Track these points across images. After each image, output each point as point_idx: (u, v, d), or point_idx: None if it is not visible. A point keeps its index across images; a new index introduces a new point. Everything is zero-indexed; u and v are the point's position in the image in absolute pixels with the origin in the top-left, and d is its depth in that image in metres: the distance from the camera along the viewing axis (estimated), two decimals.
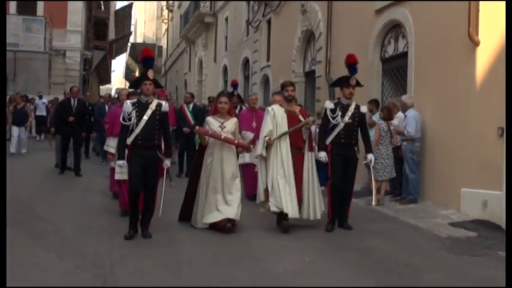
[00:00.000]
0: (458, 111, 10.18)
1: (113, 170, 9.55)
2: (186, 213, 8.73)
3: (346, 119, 8.61)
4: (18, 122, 18.45)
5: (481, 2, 9.66)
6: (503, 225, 8.69)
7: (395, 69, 13.10)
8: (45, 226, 8.48)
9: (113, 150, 9.44)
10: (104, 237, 7.85)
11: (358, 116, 8.75)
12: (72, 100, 14.52)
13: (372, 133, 10.75)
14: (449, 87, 10.42)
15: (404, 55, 12.29)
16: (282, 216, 8.41)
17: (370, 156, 8.87)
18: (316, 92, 17.16)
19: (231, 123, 8.57)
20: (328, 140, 8.69)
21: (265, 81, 22.92)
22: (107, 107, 17.01)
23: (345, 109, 8.68)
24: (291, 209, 8.31)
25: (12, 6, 34.07)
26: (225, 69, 30.46)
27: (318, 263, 6.82)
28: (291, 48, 19.38)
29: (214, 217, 8.27)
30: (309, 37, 18.41)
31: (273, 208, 8.38)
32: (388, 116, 11.31)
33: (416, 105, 11.10)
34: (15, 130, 18.32)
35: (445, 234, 8.46)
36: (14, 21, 32.91)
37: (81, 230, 8.27)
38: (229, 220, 8.21)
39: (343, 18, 15.41)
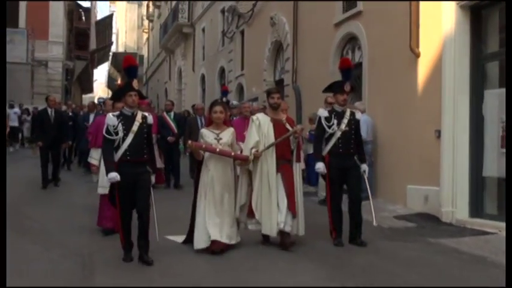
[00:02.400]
0: (403, 115, 11.28)
1: (102, 201, 8.72)
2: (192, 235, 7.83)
3: (343, 127, 8.10)
4: None
5: (421, 17, 10.76)
6: (441, 217, 9.84)
7: (353, 78, 14.17)
8: (32, 224, 9.48)
9: (96, 162, 9.16)
10: (85, 233, 8.82)
11: (354, 123, 8.24)
12: (49, 110, 14.02)
13: None
14: (395, 94, 11.52)
15: (360, 65, 13.39)
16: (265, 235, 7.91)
17: (364, 166, 8.31)
18: (285, 100, 18.20)
19: (228, 134, 7.84)
20: (325, 151, 8.19)
21: (240, 89, 23.98)
22: (91, 116, 16.41)
23: (340, 117, 8.17)
24: (271, 229, 7.70)
25: None
26: (203, 78, 31.50)
27: None
28: (262, 58, 20.47)
29: (204, 242, 7.49)
30: (278, 48, 19.53)
31: (252, 226, 7.94)
32: None
33: (369, 110, 12.21)
34: None
35: (387, 225, 9.50)
36: None
37: (64, 227, 9.25)
38: (218, 244, 7.43)
39: (307, 30, 16.55)
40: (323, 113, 8.29)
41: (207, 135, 7.79)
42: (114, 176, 6.84)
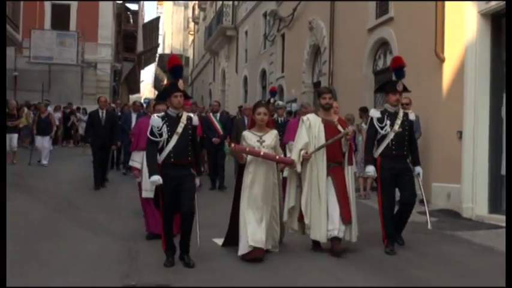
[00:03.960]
0: (428, 117, 11.90)
1: (145, 204, 8.73)
2: (232, 238, 7.69)
3: (396, 128, 7.80)
4: (42, 131, 18.05)
5: (446, 24, 11.41)
6: (462, 213, 10.47)
7: (385, 81, 14.82)
8: (83, 214, 10.45)
9: (138, 166, 8.84)
10: (130, 219, 9.73)
11: (408, 124, 7.93)
12: (100, 111, 14.03)
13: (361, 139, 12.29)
14: (421, 97, 12.08)
15: None
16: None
17: (419, 169, 8.04)
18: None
19: (271, 137, 7.59)
20: (377, 153, 7.91)
21: (280, 91, 24.71)
22: (134, 116, 15.86)
23: (393, 117, 7.87)
24: (320, 235, 7.52)
25: (46, 22, 36.39)
26: (245, 79, 32.40)
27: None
28: (301, 61, 21.24)
29: (246, 247, 7.23)
30: (316, 51, 20.27)
31: (308, 232, 7.69)
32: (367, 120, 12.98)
33: None
34: (38, 140, 18.03)
35: (410, 220, 10.13)
36: (48, 36, 35.18)
37: (112, 216, 10.18)
38: (259, 251, 7.21)
39: (342, 35, 17.29)
40: (375, 113, 7.99)
41: (250, 137, 7.53)
42: (157, 179, 6.75)
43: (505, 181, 10.25)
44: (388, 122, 7.79)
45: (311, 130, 7.63)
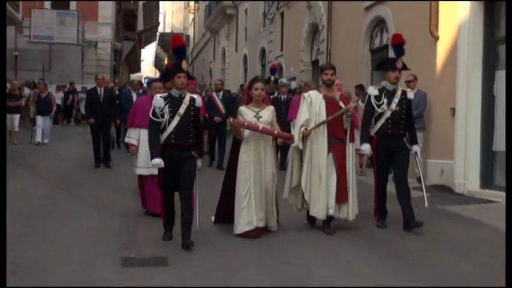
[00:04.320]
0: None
1: (139, 181, 8.92)
2: (223, 214, 7.80)
3: (393, 106, 7.75)
4: (43, 111, 17.99)
5: (440, 2, 11.55)
6: (454, 188, 10.70)
7: (381, 59, 14.98)
8: (84, 191, 10.70)
9: (134, 142, 8.76)
10: (130, 196, 9.96)
11: (406, 103, 7.88)
12: (98, 89, 13.95)
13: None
14: (416, 75, 12.30)
15: (386, 47, 14.18)
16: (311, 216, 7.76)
17: (416, 147, 8.05)
18: None
19: (268, 112, 7.50)
20: (374, 131, 7.91)
21: (279, 69, 24.83)
22: (134, 95, 15.70)
23: (391, 95, 7.80)
24: (318, 211, 7.50)
25: (46, 1, 36.49)
26: (245, 58, 32.57)
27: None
28: (300, 39, 21.39)
29: (244, 226, 7.30)
30: (315, 30, 20.41)
31: (301, 207, 7.77)
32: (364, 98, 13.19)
33: None
34: (39, 119, 17.88)
35: None
36: (48, 15, 35.30)
37: (112, 193, 10.43)
38: (262, 229, 7.39)
39: (340, 13, 17.44)
40: (373, 91, 7.93)
41: (246, 113, 7.44)
42: (158, 162, 6.69)
43: (496, 157, 10.55)
44: (386, 100, 7.72)
45: (312, 107, 7.55)
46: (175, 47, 7.16)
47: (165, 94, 7.04)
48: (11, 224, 7.06)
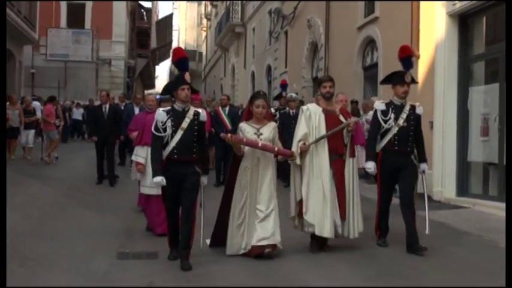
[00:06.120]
0: None
1: (143, 201, 8.99)
2: (220, 238, 7.24)
3: (401, 122, 7.35)
4: (27, 125, 17.67)
5: (421, 23, 12.42)
6: (432, 196, 11.51)
7: (373, 76, 15.92)
8: (89, 198, 11.65)
9: (142, 160, 8.64)
10: (131, 204, 10.75)
11: (414, 119, 7.51)
12: (103, 106, 13.90)
13: None
14: None
15: (376, 65, 15.11)
16: (315, 236, 7.19)
17: (424, 166, 7.59)
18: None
19: (269, 129, 7.16)
20: (379, 147, 7.48)
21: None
22: (137, 110, 15.24)
23: (398, 111, 7.39)
24: (326, 230, 7.03)
25: (62, 20, 37.85)
26: (253, 75, 33.54)
27: None
28: (302, 56, 22.34)
29: (239, 247, 7.01)
30: (315, 48, 21.34)
31: (307, 229, 7.18)
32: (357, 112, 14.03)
33: None
34: (23, 134, 17.57)
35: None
36: (64, 34, 36.77)
37: (115, 203, 11.33)
38: (266, 246, 6.87)
39: (336, 32, 18.37)
40: (379, 105, 7.50)
41: (247, 129, 7.13)
42: (160, 180, 6.45)
43: (471, 167, 11.39)
44: (393, 116, 7.34)
45: (311, 120, 7.22)
46: (177, 60, 6.90)
47: (168, 108, 6.78)
48: (23, 225, 8.05)
